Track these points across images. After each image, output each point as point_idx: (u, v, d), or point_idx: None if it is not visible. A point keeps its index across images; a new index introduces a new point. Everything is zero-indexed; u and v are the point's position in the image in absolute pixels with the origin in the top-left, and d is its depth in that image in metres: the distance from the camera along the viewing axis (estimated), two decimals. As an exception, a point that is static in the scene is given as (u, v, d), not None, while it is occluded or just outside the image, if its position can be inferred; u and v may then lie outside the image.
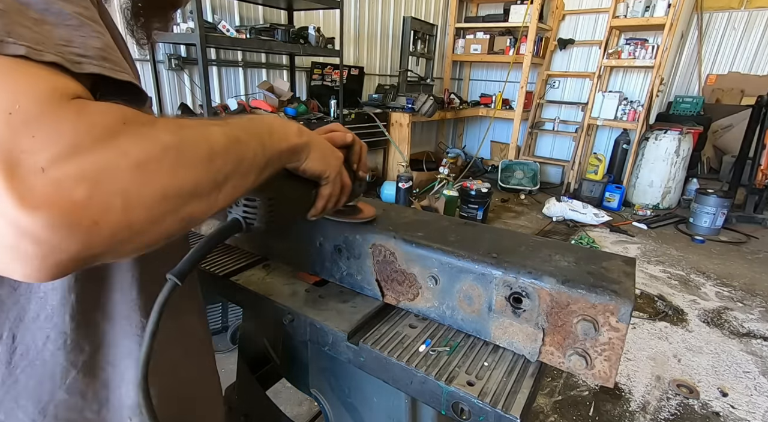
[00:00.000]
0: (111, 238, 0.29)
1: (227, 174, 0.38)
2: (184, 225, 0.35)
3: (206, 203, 0.36)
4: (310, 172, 0.54)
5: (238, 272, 0.83)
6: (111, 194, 0.29)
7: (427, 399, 0.59)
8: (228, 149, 0.38)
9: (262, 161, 0.44)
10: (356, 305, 0.73)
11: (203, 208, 0.36)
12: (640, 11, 4.75)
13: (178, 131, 0.34)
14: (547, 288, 0.57)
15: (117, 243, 0.30)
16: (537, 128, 6.23)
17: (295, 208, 0.58)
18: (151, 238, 0.33)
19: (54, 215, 0.26)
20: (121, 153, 0.29)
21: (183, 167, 0.33)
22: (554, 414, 1.90)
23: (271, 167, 0.46)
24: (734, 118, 5.59)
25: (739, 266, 3.60)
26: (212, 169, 0.36)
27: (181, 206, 0.34)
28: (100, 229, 0.28)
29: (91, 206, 0.28)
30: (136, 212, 0.30)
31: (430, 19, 5.88)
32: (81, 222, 0.27)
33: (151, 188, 0.31)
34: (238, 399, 1.05)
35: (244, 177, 0.41)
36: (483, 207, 4.09)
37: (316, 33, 3.59)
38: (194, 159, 0.35)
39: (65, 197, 0.27)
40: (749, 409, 1.98)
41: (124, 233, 0.30)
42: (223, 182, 0.38)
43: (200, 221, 0.38)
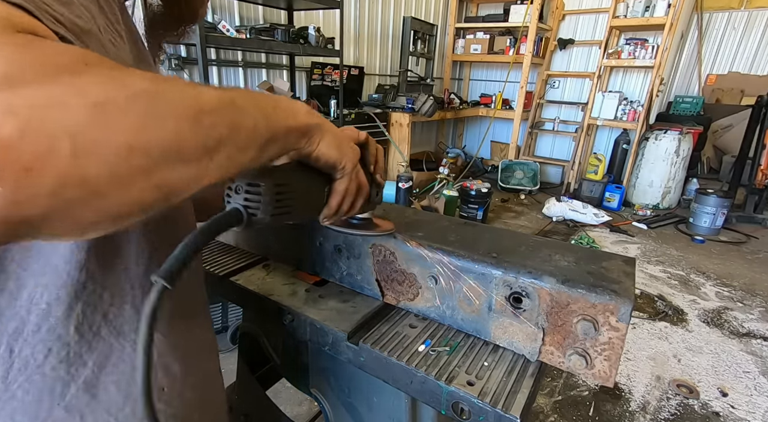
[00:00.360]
0: (54, 195, 0.23)
1: (219, 139, 0.32)
2: (161, 195, 0.29)
3: (193, 170, 0.30)
4: (324, 159, 0.48)
5: (238, 272, 0.83)
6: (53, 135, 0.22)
7: (427, 398, 0.59)
8: (220, 109, 0.33)
9: (264, 135, 0.38)
10: (356, 305, 0.73)
11: (189, 175, 0.30)
12: (640, 11, 4.75)
13: (156, 80, 0.29)
14: (547, 288, 0.57)
15: (66, 204, 0.24)
16: (537, 128, 6.23)
17: (306, 203, 0.51)
18: (117, 205, 0.27)
19: None
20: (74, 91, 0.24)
21: (159, 117, 0.28)
22: (554, 414, 1.90)
23: (275, 145, 0.41)
24: (734, 118, 5.59)
25: (739, 266, 3.60)
26: (199, 129, 0.30)
27: (156, 168, 0.27)
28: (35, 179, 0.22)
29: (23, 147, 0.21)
30: (91, 163, 0.24)
31: (430, 19, 5.88)
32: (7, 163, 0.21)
33: (112, 136, 0.25)
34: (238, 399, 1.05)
35: (241, 150, 0.35)
36: (483, 207, 4.09)
37: (316, 33, 3.59)
38: (175, 111, 0.29)
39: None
40: (749, 409, 1.98)
41: (75, 191, 0.24)
42: (215, 148, 0.32)
43: (185, 194, 0.31)
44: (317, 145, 0.47)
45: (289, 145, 0.44)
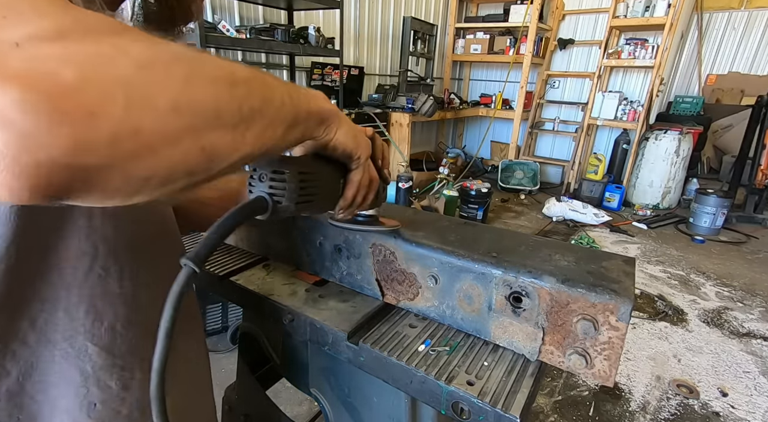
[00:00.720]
0: (113, 141, 0.24)
1: (253, 109, 0.33)
2: (205, 158, 0.30)
3: (231, 136, 0.31)
4: (341, 149, 0.49)
5: (238, 272, 0.83)
6: (107, 85, 0.23)
7: (426, 398, 0.59)
8: (252, 81, 0.34)
9: (290, 114, 0.39)
10: (356, 305, 0.73)
11: (228, 141, 0.31)
12: (640, 11, 4.75)
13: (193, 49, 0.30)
14: (546, 287, 0.57)
15: (122, 154, 0.24)
16: (537, 128, 6.23)
17: (326, 193, 0.52)
18: (167, 163, 0.27)
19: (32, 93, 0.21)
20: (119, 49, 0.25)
21: (199, 79, 0.29)
22: (554, 414, 1.90)
23: (298, 128, 0.42)
24: (734, 118, 5.59)
25: (739, 266, 3.60)
26: (235, 95, 0.32)
27: (201, 129, 0.29)
28: (95, 123, 0.23)
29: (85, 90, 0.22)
30: (143, 116, 0.25)
31: (430, 19, 5.88)
32: (71, 109, 0.22)
33: (160, 92, 0.26)
34: (238, 399, 1.05)
35: (272, 124, 0.36)
36: (483, 207, 4.09)
37: (316, 33, 3.59)
38: (212, 76, 0.30)
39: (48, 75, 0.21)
40: (749, 409, 1.98)
41: (130, 143, 0.24)
42: (250, 117, 0.33)
43: (224, 162, 0.32)
44: (335, 133, 0.48)
45: (309, 130, 0.45)
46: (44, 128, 0.21)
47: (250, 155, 0.35)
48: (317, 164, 0.50)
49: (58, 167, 0.22)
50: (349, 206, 0.56)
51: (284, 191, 0.44)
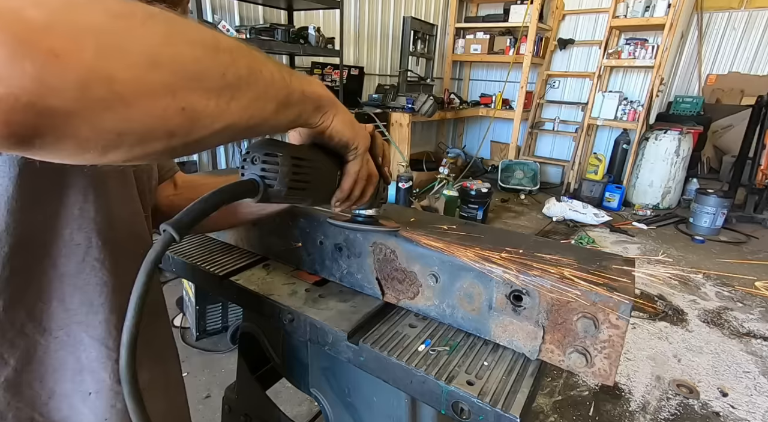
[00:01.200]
0: (80, 84, 0.23)
1: (239, 77, 0.33)
2: (186, 119, 0.29)
3: (215, 101, 0.31)
4: (338, 137, 0.49)
5: (238, 272, 0.83)
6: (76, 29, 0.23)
7: (426, 398, 0.59)
8: (238, 50, 0.33)
9: (282, 92, 0.39)
10: (356, 305, 0.73)
11: (211, 106, 0.31)
12: (640, 11, 4.75)
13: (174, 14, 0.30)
14: (547, 286, 0.57)
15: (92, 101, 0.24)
16: (537, 128, 6.23)
17: (320, 183, 0.51)
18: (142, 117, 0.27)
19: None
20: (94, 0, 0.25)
21: (179, 38, 0.29)
22: (554, 413, 1.90)
23: (292, 109, 0.41)
24: (734, 118, 5.59)
25: (740, 266, 3.60)
26: (218, 60, 0.31)
27: (181, 88, 0.28)
28: (63, 63, 0.22)
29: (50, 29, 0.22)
30: (116, 65, 0.24)
31: (430, 19, 5.88)
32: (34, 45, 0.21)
33: (137, 44, 0.26)
34: (238, 399, 1.05)
35: (261, 99, 0.36)
36: (483, 207, 4.09)
37: (316, 33, 3.59)
38: (194, 38, 0.30)
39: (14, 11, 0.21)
40: (749, 409, 1.98)
41: (101, 89, 0.24)
42: (235, 86, 0.32)
43: (207, 129, 0.32)
44: (331, 121, 0.47)
45: (304, 114, 0.44)
46: (7, 60, 0.21)
47: (235, 126, 0.34)
48: (314, 152, 0.50)
49: (20, 104, 0.22)
50: (347, 198, 0.55)
51: (276, 174, 0.44)
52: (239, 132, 0.36)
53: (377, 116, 4.50)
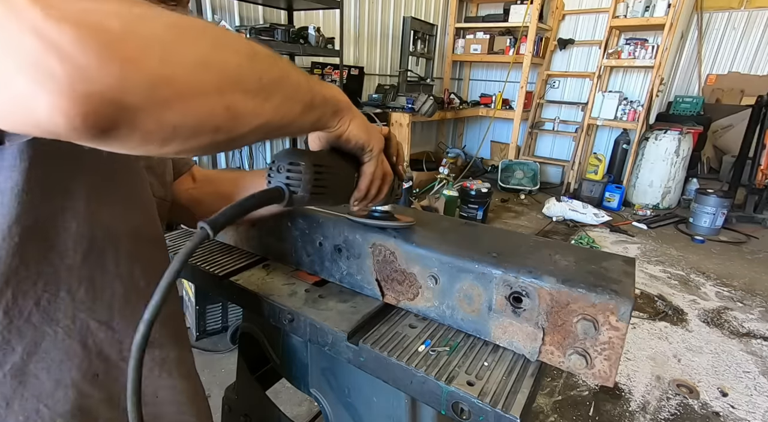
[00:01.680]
0: (149, 85, 0.28)
1: (273, 81, 0.38)
2: (230, 117, 0.34)
3: (252, 102, 0.35)
4: (354, 140, 0.53)
5: (238, 272, 0.83)
6: (146, 39, 0.28)
7: (427, 399, 0.59)
8: (270, 58, 0.38)
9: (307, 95, 0.43)
10: (356, 305, 0.73)
11: (250, 106, 0.35)
12: (640, 11, 4.75)
13: (218, 27, 0.35)
14: (547, 288, 0.57)
15: (158, 99, 0.28)
16: (537, 128, 6.23)
17: (339, 186, 0.55)
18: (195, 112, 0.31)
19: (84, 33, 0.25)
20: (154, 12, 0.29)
21: (222, 45, 0.33)
22: (554, 414, 1.90)
23: (314, 112, 0.45)
24: (734, 118, 5.59)
25: (739, 266, 3.60)
26: (255, 66, 0.36)
27: (225, 89, 0.33)
28: (137, 68, 0.27)
29: (126, 39, 0.26)
30: (176, 68, 0.29)
31: (430, 19, 5.88)
32: (115, 52, 0.26)
33: (189, 49, 0.30)
34: (238, 399, 1.05)
35: (291, 100, 0.40)
36: (483, 207, 4.09)
37: (316, 33, 3.59)
38: (234, 46, 0.34)
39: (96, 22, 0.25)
40: (749, 409, 1.98)
41: (164, 88, 0.29)
42: (269, 88, 0.37)
43: (246, 127, 0.36)
44: (348, 125, 0.51)
45: (325, 117, 0.48)
46: (96, 64, 0.25)
47: (270, 125, 0.38)
48: (332, 157, 0.53)
49: (105, 100, 0.26)
50: (364, 197, 0.59)
51: (300, 181, 0.48)
52: (272, 130, 0.40)
53: (377, 116, 4.50)
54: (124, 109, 0.27)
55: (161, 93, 0.28)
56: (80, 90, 0.25)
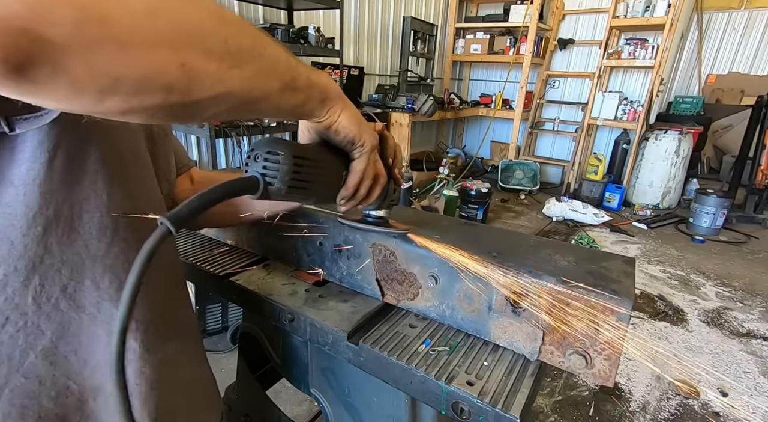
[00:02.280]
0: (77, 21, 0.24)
1: (242, 48, 0.34)
2: (184, 76, 0.30)
3: (215, 65, 0.32)
4: (344, 133, 0.50)
5: (238, 272, 0.83)
6: None
7: (427, 398, 0.59)
8: (243, 24, 0.35)
9: (288, 74, 0.40)
10: (356, 305, 0.73)
11: (211, 69, 0.32)
12: (640, 11, 4.75)
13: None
14: (547, 288, 0.57)
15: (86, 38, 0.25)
16: (537, 128, 6.23)
17: (324, 183, 0.51)
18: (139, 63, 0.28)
19: None
20: None
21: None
22: (554, 414, 1.90)
23: (297, 94, 0.42)
24: (734, 118, 5.59)
25: (739, 266, 3.60)
26: (222, 27, 0.33)
27: (181, 44, 0.29)
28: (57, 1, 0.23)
29: None
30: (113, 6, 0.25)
31: (430, 19, 5.88)
32: None
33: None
34: (238, 399, 1.05)
35: (264, 74, 0.37)
36: (483, 207, 4.09)
37: (316, 33, 3.59)
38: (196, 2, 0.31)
39: None
40: (749, 409, 1.98)
41: (96, 28, 0.25)
42: (237, 54, 0.34)
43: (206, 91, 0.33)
44: (338, 116, 0.48)
45: (311, 102, 0.45)
46: None
47: (235, 95, 0.35)
48: (319, 151, 0.50)
49: (17, 28, 0.23)
50: (352, 197, 0.56)
51: (277, 172, 0.44)
52: (240, 104, 0.37)
53: (377, 116, 4.50)
54: (43, 42, 0.24)
55: (91, 33, 0.25)
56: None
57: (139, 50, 0.27)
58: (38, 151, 0.41)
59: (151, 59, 0.28)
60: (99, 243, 0.47)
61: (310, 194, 0.50)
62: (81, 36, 0.25)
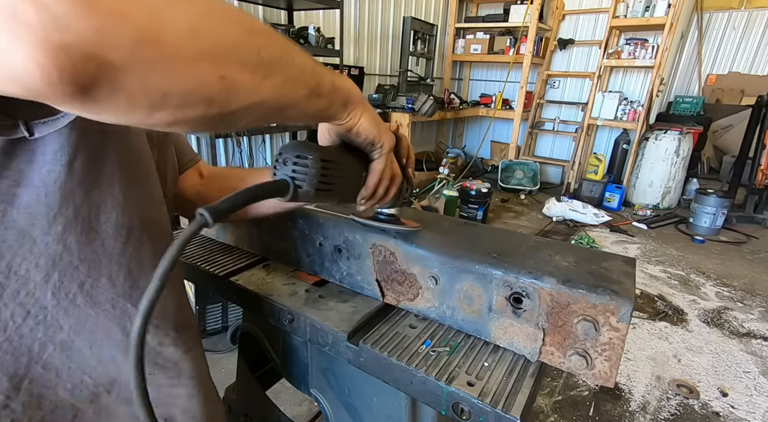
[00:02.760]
0: (135, 43, 0.26)
1: (273, 58, 0.36)
2: (223, 88, 0.32)
3: (250, 76, 0.34)
4: (364, 135, 0.52)
5: (238, 272, 0.83)
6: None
7: (427, 399, 0.59)
8: (271, 35, 0.37)
9: (313, 81, 0.42)
10: (356, 306, 0.73)
11: (246, 80, 0.34)
12: (640, 11, 4.75)
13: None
14: (547, 288, 0.57)
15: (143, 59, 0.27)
16: (537, 128, 6.23)
17: (347, 184, 0.54)
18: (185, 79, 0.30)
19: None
20: None
21: (219, 12, 0.32)
22: (554, 414, 1.90)
23: (322, 99, 0.44)
24: (734, 118, 5.59)
25: (739, 266, 3.60)
26: (254, 39, 0.35)
27: (220, 58, 0.32)
28: (120, 22, 0.25)
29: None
30: (164, 29, 0.28)
31: (430, 19, 5.88)
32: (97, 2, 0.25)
33: (180, 14, 0.29)
34: (238, 399, 1.05)
35: (293, 82, 0.39)
36: (483, 207, 4.09)
37: (316, 33, 3.59)
38: (231, 17, 0.33)
39: None
40: (749, 409, 1.98)
41: (151, 49, 0.27)
42: (269, 64, 0.36)
43: (242, 101, 0.35)
44: (359, 119, 0.50)
45: (334, 106, 0.47)
46: (72, 13, 0.24)
47: (267, 104, 0.37)
48: (341, 154, 0.52)
49: (83, 53, 0.25)
50: (371, 196, 0.57)
51: (306, 175, 0.46)
52: (270, 112, 0.39)
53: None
54: (106, 65, 0.26)
55: (147, 53, 0.27)
56: (55, 40, 0.24)
57: (184, 66, 0.29)
58: (59, 154, 0.43)
59: (195, 74, 0.30)
60: (115, 242, 0.48)
61: (335, 195, 0.52)
62: (138, 57, 0.27)
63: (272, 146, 4.17)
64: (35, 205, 0.43)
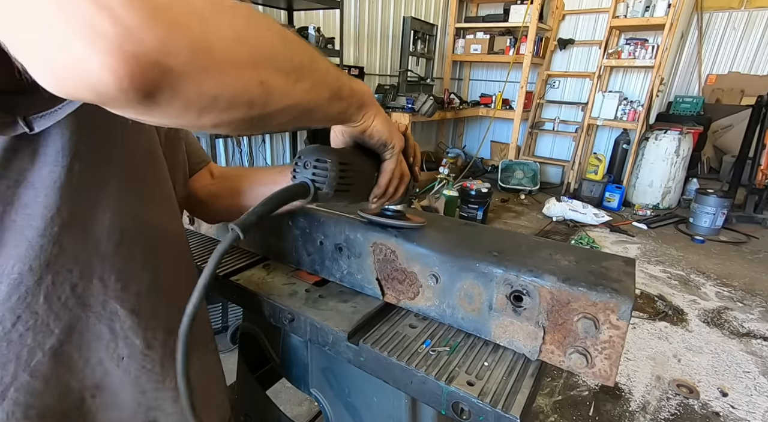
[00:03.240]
0: (191, 51, 0.29)
1: (303, 64, 0.39)
2: (263, 92, 0.35)
3: (284, 81, 0.37)
4: (377, 136, 0.54)
5: (238, 272, 0.83)
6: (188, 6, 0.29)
7: (427, 399, 0.59)
8: (301, 43, 0.40)
9: (335, 84, 0.44)
10: (356, 305, 0.73)
11: (281, 84, 0.37)
12: (640, 11, 4.75)
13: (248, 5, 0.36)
14: (547, 286, 0.57)
15: (198, 65, 0.30)
16: (537, 128, 6.23)
17: (362, 184, 0.57)
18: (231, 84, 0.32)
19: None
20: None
21: (257, 23, 0.35)
22: (554, 414, 1.90)
23: (341, 102, 0.46)
24: (734, 118, 5.59)
25: (739, 266, 3.60)
26: (287, 46, 0.37)
27: (260, 64, 0.34)
28: (180, 33, 0.28)
29: (171, 6, 0.28)
30: (214, 38, 0.30)
31: (430, 19, 5.88)
32: (161, 16, 0.27)
33: (227, 23, 0.32)
34: (238, 399, 1.05)
35: (319, 85, 0.42)
36: (483, 207, 4.09)
37: (316, 33, 3.59)
38: (268, 26, 0.36)
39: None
40: (749, 409, 1.98)
41: (205, 56, 0.30)
42: (299, 70, 0.38)
43: (277, 104, 0.37)
44: (372, 120, 0.53)
45: (350, 109, 0.49)
46: (143, 26, 0.26)
47: (299, 107, 0.40)
48: (356, 155, 0.54)
49: (151, 61, 0.27)
50: (383, 195, 0.60)
51: (325, 178, 0.49)
52: (300, 114, 0.41)
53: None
54: (167, 71, 0.28)
55: (201, 60, 0.30)
56: (129, 50, 0.26)
57: (232, 72, 0.32)
58: (60, 155, 0.43)
59: (239, 79, 0.33)
60: (107, 243, 0.48)
61: (351, 195, 0.54)
62: (194, 63, 0.29)
63: (272, 146, 4.17)
64: (33, 205, 0.43)
